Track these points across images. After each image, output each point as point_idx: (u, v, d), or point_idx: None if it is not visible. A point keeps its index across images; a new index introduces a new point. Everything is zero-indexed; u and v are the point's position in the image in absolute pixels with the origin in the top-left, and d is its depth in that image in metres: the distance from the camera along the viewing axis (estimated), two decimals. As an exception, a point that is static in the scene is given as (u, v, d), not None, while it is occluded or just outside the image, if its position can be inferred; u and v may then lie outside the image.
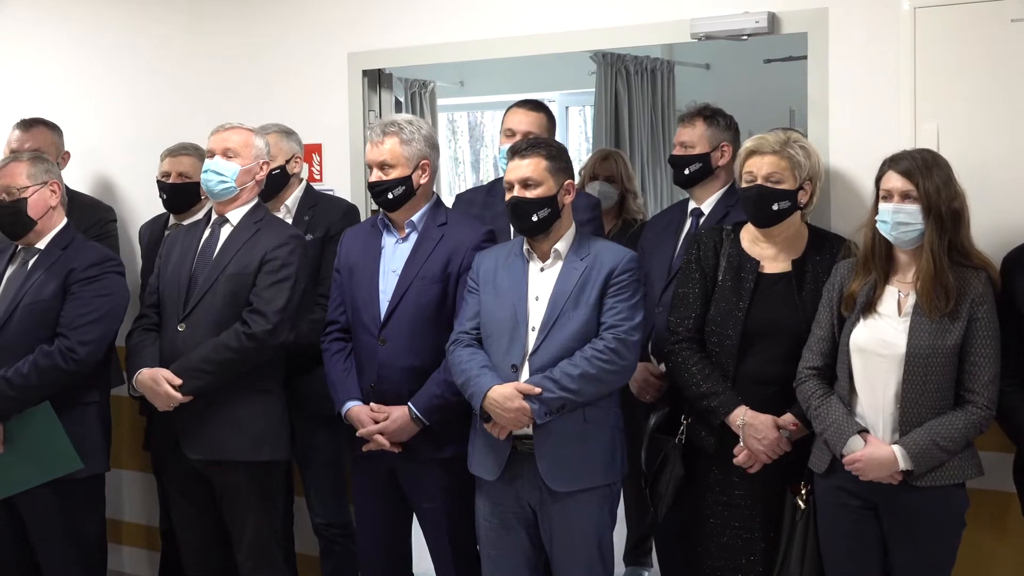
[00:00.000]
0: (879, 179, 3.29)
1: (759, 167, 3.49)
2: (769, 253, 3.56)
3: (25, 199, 3.99)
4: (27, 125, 4.87)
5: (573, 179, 3.64)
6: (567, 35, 4.28)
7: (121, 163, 5.23)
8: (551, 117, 4.23)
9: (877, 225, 3.27)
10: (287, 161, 4.34)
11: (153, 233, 4.70)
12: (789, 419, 3.43)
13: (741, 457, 3.47)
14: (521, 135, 4.06)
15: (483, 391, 3.47)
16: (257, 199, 4.00)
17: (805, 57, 3.89)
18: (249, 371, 3.82)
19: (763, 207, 3.49)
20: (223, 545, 3.99)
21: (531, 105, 4.21)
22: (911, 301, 3.24)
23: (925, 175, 3.19)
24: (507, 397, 3.44)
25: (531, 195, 3.53)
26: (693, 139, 4.04)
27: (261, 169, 3.97)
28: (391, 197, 3.79)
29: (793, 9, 3.85)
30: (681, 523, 3.71)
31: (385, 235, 3.89)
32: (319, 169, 4.78)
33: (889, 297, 3.29)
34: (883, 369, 3.22)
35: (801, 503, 3.40)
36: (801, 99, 3.93)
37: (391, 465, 3.83)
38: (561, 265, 3.58)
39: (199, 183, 4.35)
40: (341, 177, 4.71)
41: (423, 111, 8.39)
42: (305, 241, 4.02)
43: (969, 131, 3.60)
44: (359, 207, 4.51)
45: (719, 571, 3.57)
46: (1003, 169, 3.55)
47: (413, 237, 3.85)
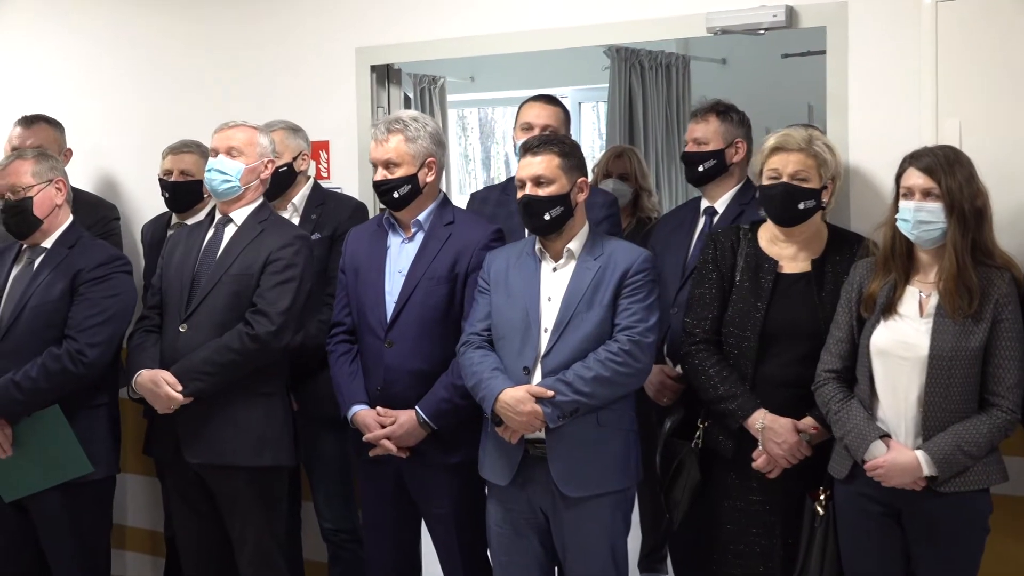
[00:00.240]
0: (899, 176, 3.28)
1: (784, 164, 3.47)
2: (788, 253, 3.55)
3: (31, 198, 4.00)
4: (29, 122, 4.87)
5: (586, 177, 3.63)
6: (580, 29, 4.27)
7: (124, 160, 5.23)
8: (567, 113, 4.23)
9: (897, 224, 3.25)
10: (294, 158, 4.33)
11: (155, 232, 4.70)
12: (809, 423, 3.42)
13: (760, 462, 3.45)
14: (539, 129, 4.05)
15: (494, 394, 3.47)
16: (262, 198, 3.99)
17: (824, 52, 3.87)
18: (251, 374, 3.81)
19: (788, 206, 3.47)
20: (225, 552, 3.98)
21: (548, 99, 4.21)
22: (933, 302, 3.23)
23: (947, 172, 3.17)
24: (519, 400, 3.43)
25: (543, 193, 3.52)
26: (707, 135, 4.03)
27: (266, 168, 3.97)
28: (396, 196, 3.78)
29: (812, 3, 3.84)
30: (697, 529, 3.69)
31: (391, 235, 3.88)
32: (326, 167, 4.77)
33: (910, 298, 3.27)
34: (905, 372, 3.20)
35: (821, 509, 3.39)
36: (820, 95, 3.91)
37: (399, 470, 3.82)
38: (574, 265, 3.57)
39: (202, 181, 4.36)
40: (349, 175, 4.71)
41: (432, 107, 8.39)
42: (311, 242, 4.01)
43: (992, 127, 3.58)
44: (367, 205, 4.50)
45: (736, 578, 3.57)
46: (1027, 166, 3.54)
47: (419, 237, 3.84)
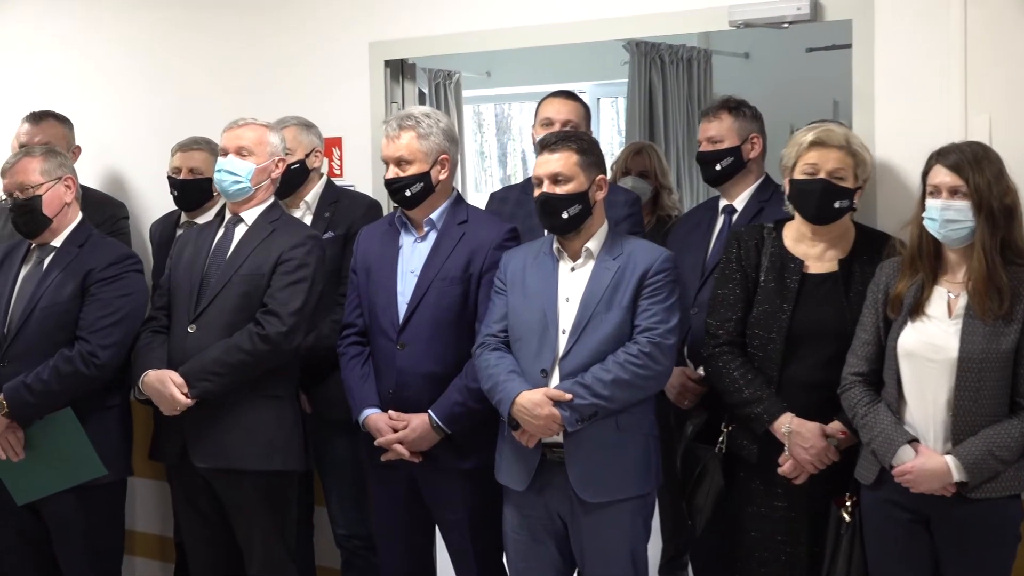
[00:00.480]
0: (926, 174, 3.27)
1: (824, 161, 3.45)
2: (814, 252, 3.53)
3: (40, 196, 4.01)
4: (37, 118, 4.88)
5: (605, 174, 3.62)
6: (599, 23, 4.26)
7: (133, 158, 5.24)
8: (587, 109, 4.23)
9: (924, 222, 3.23)
10: (307, 155, 4.33)
11: (164, 231, 4.71)
12: (837, 427, 3.40)
13: (786, 467, 3.44)
14: (560, 125, 4.05)
15: (511, 397, 3.46)
16: (273, 198, 3.99)
17: (850, 46, 3.86)
18: (261, 375, 3.81)
19: (825, 204, 3.45)
20: (235, 558, 3.97)
21: (568, 95, 4.20)
22: (962, 303, 3.21)
23: (975, 169, 3.15)
24: (536, 404, 3.42)
25: (561, 191, 3.51)
26: (721, 133, 4.03)
27: (277, 167, 3.97)
28: (409, 194, 3.77)
29: (837, -5, 3.83)
30: (720, 536, 3.68)
31: (403, 234, 3.88)
32: (339, 164, 4.77)
33: (938, 298, 3.25)
34: (934, 375, 3.18)
35: (847, 516, 3.37)
36: (845, 90, 3.90)
37: (412, 475, 3.82)
38: (593, 265, 3.56)
39: (212, 179, 4.36)
40: (362, 172, 4.70)
41: (448, 103, 8.40)
42: (323, 242, 4.01)
43: (1022, 122, 3.56)
44: (382, 203, 4.49)
45: (760, 586, 3.55)
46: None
47: (432, 236, 3.83)
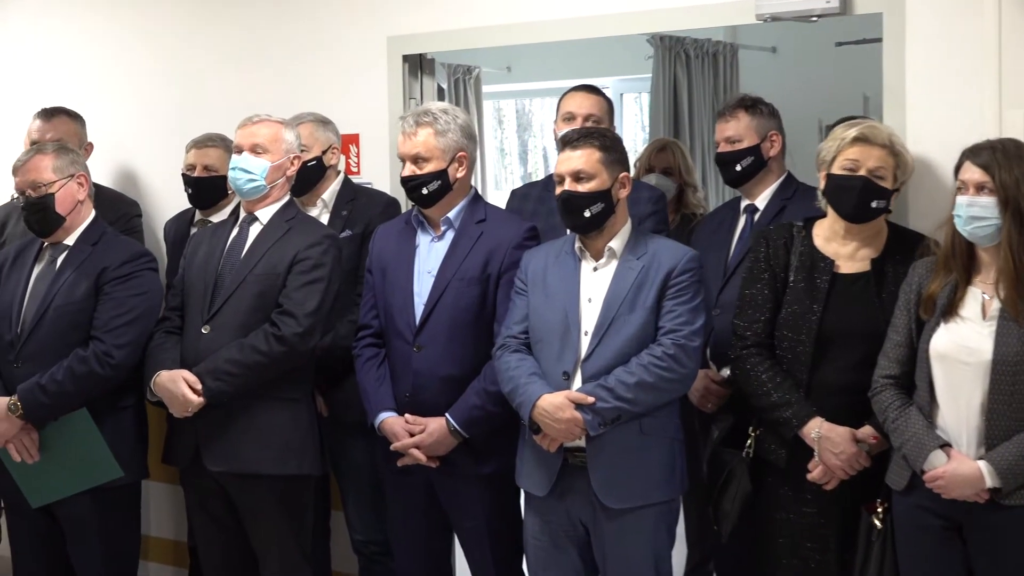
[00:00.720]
0: (957, 170, 3.26)
1: (866, 158, 3.44)
2: (845, 251, 3.52)
3: (52, 194, 4.02)
4: (48, 114, 4.90)
5: (629, 171, 3.61)
6: (622, 16, 4.25)
7: (146, 155, 5.26)
8: (610, 104, 4.22)
9: (954, 220, 3.22)
10: (323, 152, 4.34)
11: (179, 230, 4.72)
12: (869, 432, 3.38)
13: (816, 473, 3.42)
14: (582, 119, 4.04)
15: (532, 400, 3.45)
16: (288, 196, 4.00)
17: (880, 39, 3.85)
18: (276, 378, 3.81)
19: (863, 202, 3.44)
20: (249, 565, 3.98)
21: (591, 89, 4.20)
22: (996, 304, 3.18)
23: (1003, 166, 3.14)
24: (558, 407, 3.42)
25: (583, 189, 3.50)
26: (739, 132, 4.04)
27: (292, 164, 3.97)
28: (425, 192, 3.77)
29: (867, -13, 3.81)
30: (746, 543, 3.67)
31: (419, 233, 3.87)
32: (356, 161, 4.77)
33: (972, 299, 3.23)
34: (967, 378, 3.16)
35: (878, 522, 3.35)
36: (876, 85, 3.89)
37: (429, 480, 3.82)
38: (616, 264, 3.55)
39: (226, 177, 4.36)
40: (380, 169, 4.71)
41: (467, 99, 8.40)
42: (339, 241, 4.01)
43: (1060, 118, 3.55)
44: (400, 201, 4.49)
45: (788, 595, 3.54)
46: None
47: (450, 235, 3.83)
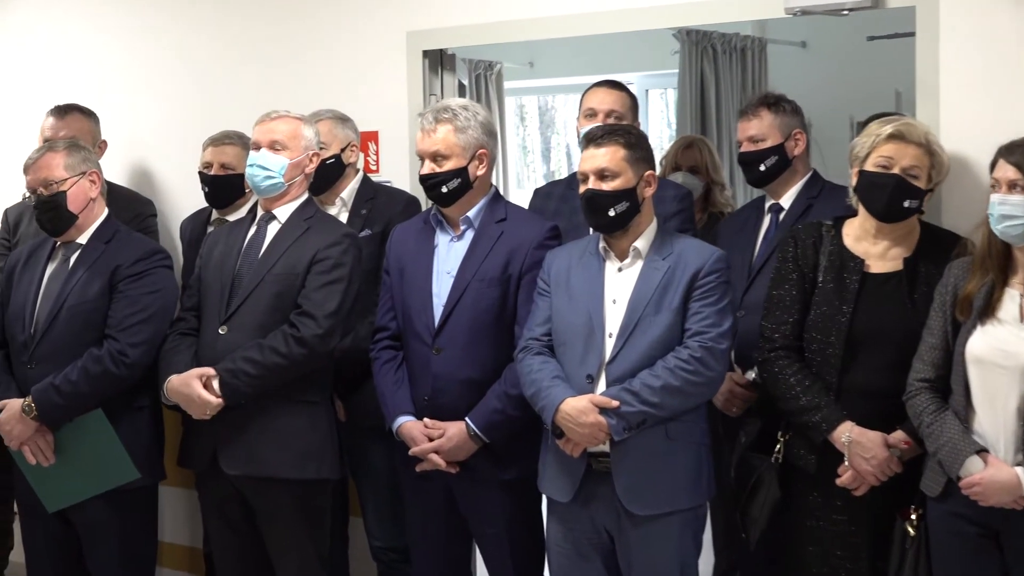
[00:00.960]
0: (992, 168, 3.25)
1: (901, 155, 3.42)
2: (876, 251, 3.51)
3: (64, 192, 4.04)
4: (61, 112, 4.91)
5: (654, 169, 3.61)
6: (648, 11, 4.24)
7: (161, 152, 5.27)
8: (634, 99, 4.22)
9: (988, 219, 3.22)
10: (342, 150, 4.34)
11: (195, 229, 4.73)
12: (901, 436, 3.37)
13: (846, 478, 3.40)
14: (603, 115, 4.05)
15: (555, 404, 3.45)
16: (307, 194, 4.00)
17: (913, 34, 3.84)
18: (294, 380, 3.81)
19: (895, 200, 3.42)
20: (266, 572, 3.98)
21: (613, 84, 4.20)
22: (1034, 305, 3.18)
23: None
24: (582, 411, 3.41)
25: (607, 187, 3.50)
26: (762, 131, 4.04)
27: (311, 161, 3.97)
28: (445, 191, 3.76)
29: (900, -20, 3.80)
30: (775, 551, 3.66)
31: (438, 232, 3.87)
32: (375, 159, 4.77)
33: (1009, 301, 3.22)
34: (1004, 382, 3.15)
35: (912, 530, 3.34)
36: (909, 81, 3.88)
37: (448, 486, 3.81)
38: (641, 265, 3.55)
39: (243, 175, 4.37)
40: (399, 167, 4.71)
41: (489, 95, 8.39)
42: (359, 240, 4.01)
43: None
44: (420, 200, 4.49)
45: (818, 604, 3.53)
46: None
47: (469, 235, 3.83)
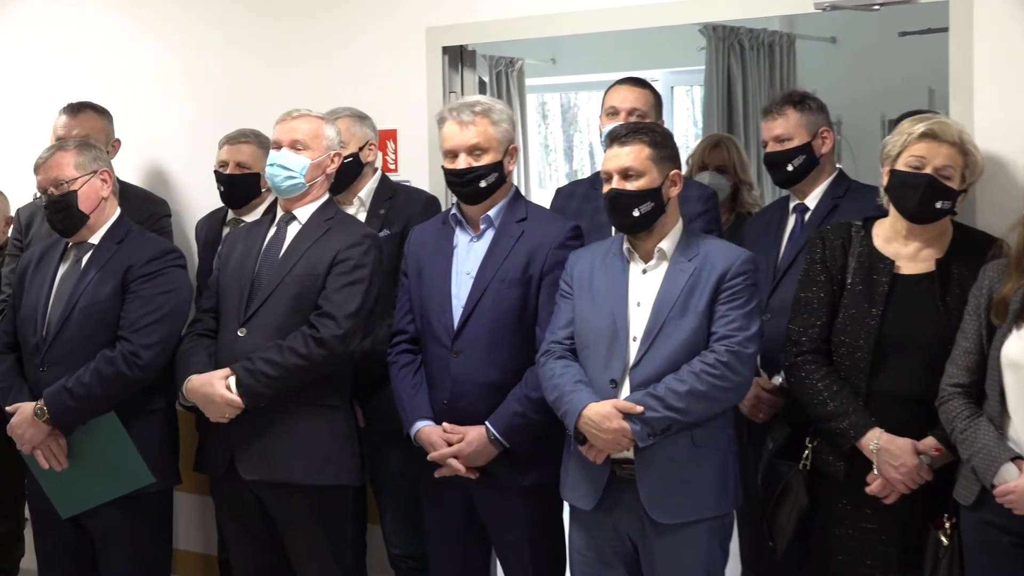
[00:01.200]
0: (1028, 166, 3.24)
1: (933, 155, 3.41)
2: (907, 252, 3.50)
3: (75, 192, 4.05)
4: (74, 110, 4.93)
5: (680, 169, 3.60)
6: (673, 5, 4.24)
7: (176, 151, 5.29)
8: (658, 97, 4.22)
9: (1024, 219, 3.21)
10: (360, 149, 4.35)
11: (211, 229, 4.73)
12: (931, 443, 3.36)
13: (875, 486, 3.40)
14: (625, 113, 4.05)
15: (578, 409, 3.44)
16: (327, 194, 4.01)
17: (946, 29, 3.83)
18: (313, 383, 3.82)
19: (927, 201, 3.41)
20: (284, 578, 4.00)
21: (636, 82, 4.20)
22: (1071, 309, 3.16)
23: None
24: (605, 416, 3.40)
25: (632, 187, 3.49)
26: (788, 130, 4.04)
27: (332, 162, 3.99)
28: (484, 185, 3.77)
29: (933, -26, 3.79)
30: (804, 560, 3.65)
31: (458, 232, 3.88)
32: (394, 158, 4.78)
33: (1047, 303, 3.20)
34: (1040, 387, 3.14)
35: (944, 539, 3.33)
36: (942, 77, 3.86)
37: (468, 492, 3.81)
38: (666, 267, 3.54)
39: (260, 175, 4.38)
40: (418, 166, 4.71)
41: (510, 92, 8.39)
42: (380, 241, 4.02)
43: None
44: (440, 199, 4.49)
45: (847, 615, 3.52)
46: None
47: (489, 234, 3.83)
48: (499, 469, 3.74)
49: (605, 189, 3.55)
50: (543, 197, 7.88)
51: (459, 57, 4.74)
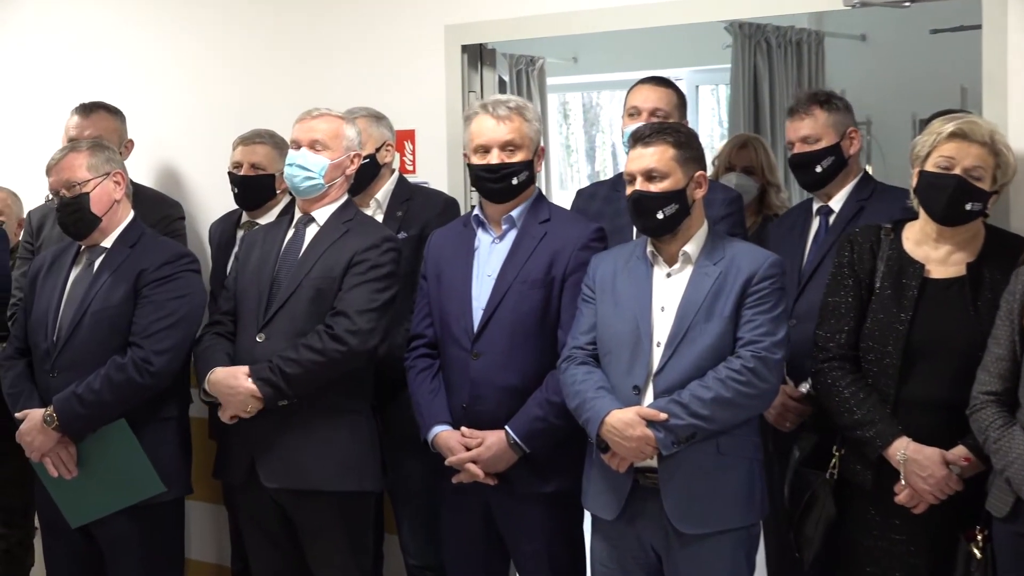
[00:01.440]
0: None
1: (963, 155, 3.40)
2: (937, 255, 3.49)
3: (87, 194, 4.05)
4: (87, 110, 4.95)
5: (705, 170, 3.60)
6: (698, 3, 4.25)
7: (190, 153, 5.30)
8: (682, 96, 4.21)
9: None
10: (377, 149, 4.36)
11: (224, 232, 4.75)
12: (961, 453, 3.35)
13: (903, 496, 3.39)
14: (647, 114, 4.05)
15: (600, 416, 3.44)
16: (347, 195, 4.02)
17: (979, 26, 3.82)
18: (334, 388, 3.83)
19: (956, 203, 3.40)
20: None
21: (659, 81, 4.20)
22: (1108, 315, 3.16)
23: None
24: (628, 424, 3.40)
25: (656, 189, 3.49)
26: (816, 131, 4.03)
27: (352, 162, 4.00)
28: (515, 183, 3.78)
29: (965, -30, 3.79)
30: (831, 571, 3.65)
31: (479, 233, 3.89)
32: (411, 158, 4.79)
33: (1082, 308, 3.20)
34: (1075, 395, 3.13)
35: (977, 551, 3.32)
36: (975, 75, 3.86)
37: (486, 500, 3.82)
38: (691, 270, 3.54)
39: (274, 176, 4.40)
40: (436, 167, 4.72)
41: (531, 91, 8.40)
42: (400, 243, 4.03)
43: None
44: (459, 201, 4.50)
45: (876, 629, 3.51)
46: None
47: (511, 235, 3.84)
48: (518, 476, 3.74)
49: (628, 191, 3.55)
50: (564, 199, 7.89)
51: (478, 55, 4.74)
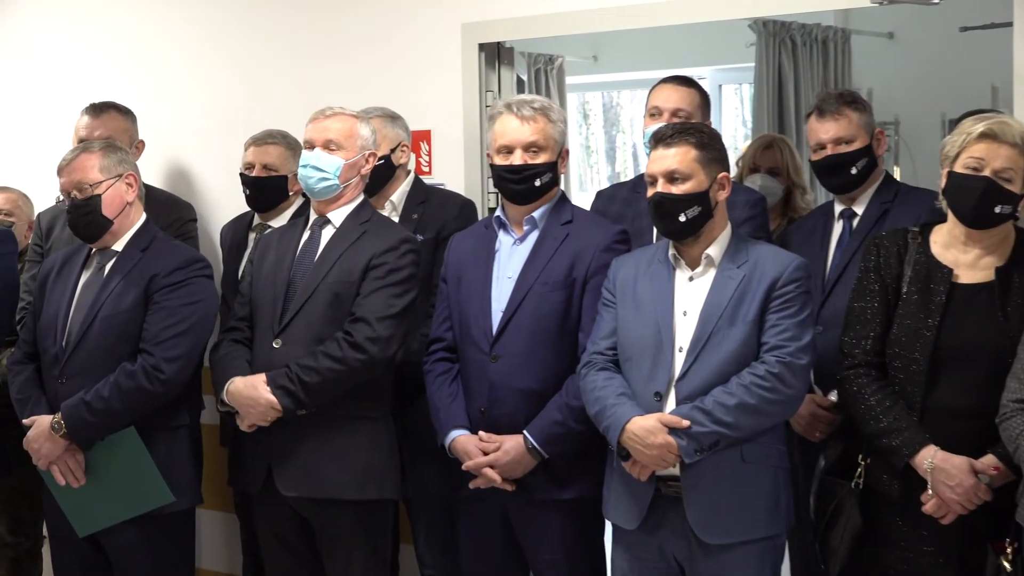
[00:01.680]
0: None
1: (992, 156, 3.38)
2: (966, 259, 3.48)
3: (99, 196, 4.06)
4: (97, 110, 4.97)
5: (728, 171, 3.61)
6: (721, 0, 4.23)
7: (202, 154, 5.32)
8: (704, 96, 4.21)
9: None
10: (392, 150, 4.37)
11: (236, 234, 4.77)
12: (990, 462, 3.33)
13: (930, 506, 3.38)
14: (669, 114, 4.05)
15: (621, 423, 3.45)
16: (362, 196, 4.03)
17: (1010, 24, 3.82)
18: (352, 395, 3.84)
19: (985, 205, 3.38)
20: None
21: (681, 80, 4.19)
22: None
23: None
24: (649, 431, 3.41)
25: (678, 191, 3.50)
26: (850, 132, 4.03)
27: (367, 162, 4.00)
28: (538, 184, 3.79)
29: (996, -34, 3.79)
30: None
31: (500, 235, 3.90)
32: (428, 160, 4.79)
33: (1113, 315, 3.20)
34: (1107, 404, 3.13)
35: (1007, 564, 3.29)
36: (1006, 74, 3.85)
37: (504, 507, 3.82)
38: (714, 274, 3.54)
39: (286, 177, 4.41)
40: (453, 169, 4.73)
41: (550, 91, 8.39)
42: (418, 245, 4.04)
43: None
44: (475, 203, 4.50)
45: (904, 642, 3.51)
46: None
47: (533, 237, 3.85)
48: (536, 482, 3.74)
49: (650, 193, 3.56)
50: (584, 200, 7.88)
51: (496, 54, 4.75)
